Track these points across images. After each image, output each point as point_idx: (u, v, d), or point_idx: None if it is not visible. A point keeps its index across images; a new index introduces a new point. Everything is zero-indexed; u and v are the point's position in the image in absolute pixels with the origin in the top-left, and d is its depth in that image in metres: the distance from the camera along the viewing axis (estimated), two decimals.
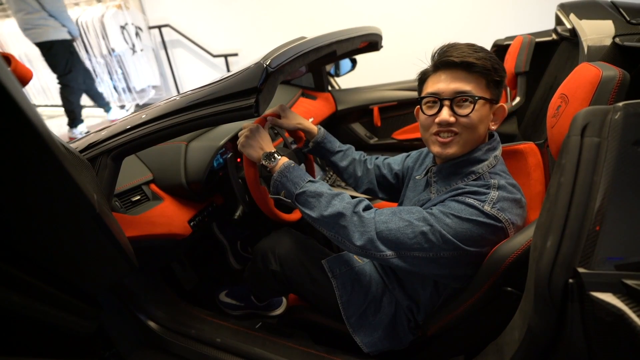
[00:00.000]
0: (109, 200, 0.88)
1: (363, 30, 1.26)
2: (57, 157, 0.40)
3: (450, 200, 0.75)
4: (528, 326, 0.58)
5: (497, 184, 0.75)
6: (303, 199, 0.83)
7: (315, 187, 0.83)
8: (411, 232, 0.73)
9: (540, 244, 0.53)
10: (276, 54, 0.77)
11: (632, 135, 0.47)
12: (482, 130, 0.78)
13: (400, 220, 0.75)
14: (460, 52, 0.75)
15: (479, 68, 0.73)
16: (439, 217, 0.73)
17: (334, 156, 1.14)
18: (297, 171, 0.87)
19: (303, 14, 3.75)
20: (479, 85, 0.75)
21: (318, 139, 1.12)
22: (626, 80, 0.64)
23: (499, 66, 0.76)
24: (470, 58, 0.74)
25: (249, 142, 0.92)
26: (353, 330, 0.92)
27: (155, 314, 1.18)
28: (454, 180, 0.81)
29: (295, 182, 0.85)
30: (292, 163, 0.89)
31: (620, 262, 0.46)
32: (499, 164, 0.81)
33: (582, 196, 0.49)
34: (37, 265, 0.50)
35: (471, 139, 0.79)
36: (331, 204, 0.80)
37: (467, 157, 0.80)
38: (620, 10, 1.18)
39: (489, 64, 0.74)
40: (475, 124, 0.76)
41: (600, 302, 0.45)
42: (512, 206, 0.73)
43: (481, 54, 0.75)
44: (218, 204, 1.33)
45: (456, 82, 0.76)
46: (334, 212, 0.78)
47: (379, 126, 2.12)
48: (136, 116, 0.89)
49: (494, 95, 0.77)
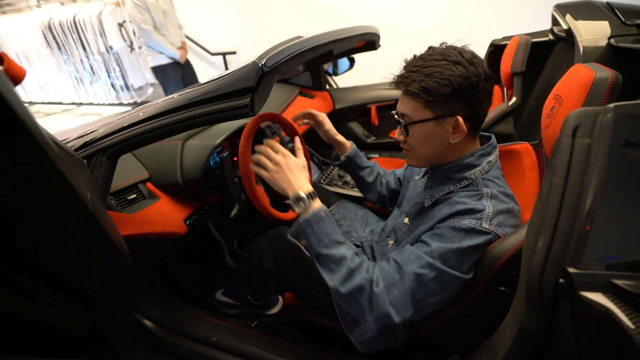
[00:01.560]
0: (105, 199, 0.88)
1: (360, 29, 1.26)
2: (49, 155, 0.40)
3: (447, 229, 0.72)
4: (520, 325, 0.58)
5: (490, 192, 0.74)
6: (324, 260, 0.75)
7: (340, 252, 0.74)
8: (421, 286, 0.71)
9: (532, 244, 0.53)
10: (272, 54, 0.77)
11: (622, 137, 0.47)
12: (433, 146, 0.78)
13: (408, 277, 0.71)
14: (400, 76, 0.76)
15: (408, 93, 0.75)
16: (442, 255, 0.71)
17: (362, 171, 1.16)
18: (327, 225, 0.77)
19: (301, 13, 3.75)
20: (416, 108, 0.75)
21: (350, 154, 1.14)
22: (619, 82, 0.64)
23: (437, 84, 0.71)
24: (400, 85, 0.75)
25: (282, 175, 0.81)
26: (348, 329, 0.92)
27: (151, 312, 1.19)
28: (446, 185, 0.81)
29: (321, 238, 0.75)
30: (324, 211, 0.78)
31: (616, 262, 0.47)
32: (493, 170, 0.80)
33: (572, 197, 0.49)
34: (29, 264, 0.50)
35: (422, 155, 0.81)
36: (355, 272, 0.73)
37: (457, 162, 0.80)
38: (615, 11, 1.19)
39: (417, 88, 0.72)
40: (416, 143, 0.79)
41: (590, 301, 0.46)
42: (507, 218, 0.73)
43: (415, 75, 0.73)
44: (214, 202, 1.34)
45: (401, 105, 0.79)
46: (352, 289, 0.72)
47: (376, 125, 2.12)
48: (133, 114, 0.89)
49: (440, 112, 0.74)
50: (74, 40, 4.72)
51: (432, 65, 0.72)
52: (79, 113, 5.48)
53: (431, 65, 0.72)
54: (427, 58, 0.74)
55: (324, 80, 2.16)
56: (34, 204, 0.45)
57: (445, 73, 0.71)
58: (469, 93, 0.73)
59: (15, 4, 5.08)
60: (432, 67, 0.72)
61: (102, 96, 5.21)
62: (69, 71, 5.18)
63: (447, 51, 0.74)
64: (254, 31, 4.13)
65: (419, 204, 0.87)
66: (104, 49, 4.62)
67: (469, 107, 0.75)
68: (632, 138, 0.46)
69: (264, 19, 4.00)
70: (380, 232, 1.05)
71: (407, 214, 0.93)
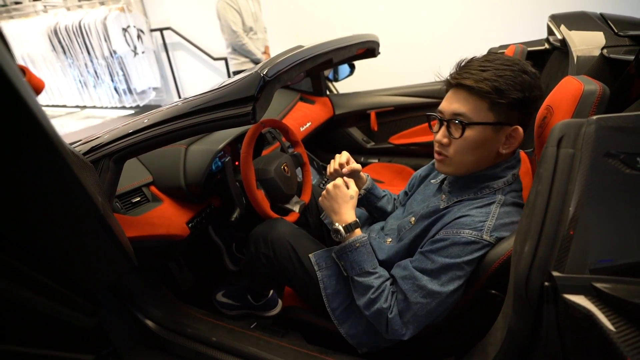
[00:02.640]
0: (111, 202, 0.91)
1: (360, 37, 1.30)
2: (67, 162, 0.43)
3: (449, 245, 0.74)
4: (508, 327, 0.61)
5: (503, 200, 0.76)
6: (355, 284, 0.87)
7: (368, 282, 0.84)
8: (429, 312, 0.76)
9: (519, 248, 0.56)
10: (273, 64, 0.80)
11: (603, 148, 0.50)
12: (481, 154, 0.76)
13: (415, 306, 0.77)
14: (464, 72, 0.73)
15: (476, 91, 0.71)
16: (443, 271, 0.74)
17: (381, 201, 1.16)
18: (360, 255, 0.86)
19: (303, 19, 3.79)
20: (479, 108, 0.72)
21: (368, 186, 1.15)
22: (606, 94, 0.67)
23: (510, 87, 0.69)
24: (467, 80, 0.71)
25: (332, 203, 0.91)
26: (338, 322, 0.94)
27: (153, 313, 1.21)
28: (466, 192, 0.81)
29: (353, 266, 0.87)
30: (359, 242, 0.87)
31: (598, 265, 0.49)
32: (516, 183, 0.80)
33: (557, 203, 0.52)
34: (42, 261, 0.53)
35: (466, 162, 0.78)
36: (376, 301, 0.81)
37: (483, 172, 0.79)
38: (608, 22, 1.22)
39: (489, 86, 0.69)
40: (466, 148, 0.75)
41: (573, 304, 0.48)
42: (510, 229, 0.74)
43: (487, 73, 0.70)
44: (216, 206, 1.36)
45: (455, 103, 0.75)
46: (372, 312, 0.82)
47: (375, 131, 2.15)
48: (138, 121, 0.92)
49: (501, 118, 0.72)
50: (78, 45, 4.78)
51: (504, 68, 0.70)
52: (83, 116, 5.53)
53: (502, 68, 0.70)
54: (494, 61, 0.72)
55: (325, 86, 2.20)
56: (51, 205, 0.48)
57: (517, 79, 0.69)
58: (531, 105, 0.73)
59: (23, 9, 5.16)
60: (504, 70, 0.70)
61: (106, 99, 5.26)
62: (74, 75, 5.24)
63: (514, 59, 0.72)
64: None
65: (432, 207, 0.87)
66: (108, 54, 4.68)
67: (526, 118, 0.74)
68: (612, 149, 0.49)
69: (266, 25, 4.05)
70: (379, 230, 1.06)
71: (414, 214, 0.93)
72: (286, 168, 1.25)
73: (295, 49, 0.95)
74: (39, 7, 5.07)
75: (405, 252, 0.89)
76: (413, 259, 0.82)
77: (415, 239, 0.87)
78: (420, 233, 0.86)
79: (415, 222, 0.90)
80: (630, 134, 0.49)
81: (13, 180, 0.44)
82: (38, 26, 4.91)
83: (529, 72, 0.71)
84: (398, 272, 0.83)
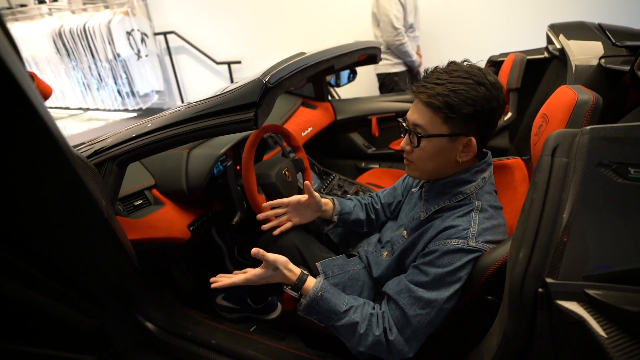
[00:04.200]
0: (113, 204, 0.92)
1: (361, 44, 1.32)
2: (74, 167, 0.44)
3: (439, 255, 0.76)
4: (504, 332, 0.61)
5: (480, 206, 0.78)
6: (337, 330, 0.83)
7: (350, 320, 0.80)
8: (428, 324, 0.76)
9: (514, 255, 0.57)
10: (275, 70, 0.82)
11: (596, 157, 0.51)
12: (440, 162, 0.79)
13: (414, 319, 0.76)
14: (421, 85, 0.75)
15: (430, 105, 0.73)
16: (437, 282, 0.75)
17: (353, 212, 1.10)
18: (329, 302, 0.81)
19: (306, 23, 3.83)
20: (434, 121, 0.74)
21: (337, 208, 1.08)
22: (599, 105, 0.68)
23: (462, 102, 0.71)
24: (422, 95, 0.73)
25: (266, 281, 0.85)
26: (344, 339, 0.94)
27: (153, 315, 1.22)
28: (442, 199, 0.83)
29: (329, 316, 0.81)
30: (320, 290, 0.81)
31: (591, 272, 0.50)
32: (487, 185, 0.82)
33: (551, 211, 0.53)
34: (47, 262, 0.54)
35: (427, 168, 0.81)
36: (367, 334, 0.79)
37: (454, 177, 0.82)
38: (606, 32, 1.23)
39: (440, 102, 0.71)
40: (424, 156, 0.78)
41: (565, 310, 0.49)
42: (493, 233, 0.76)
43: (440, 88, 0.71)
44: (217, 209, 1.37)
45: (415, 114, 0.77)
46: (368, 346, 0.79)
47: (376, 136, 2.17)
48: (142, 125, 0.94)
49: (456, 130, 0.74)
50: (83, 48, 4.82)
51: (458, 82, 0.71)
52: (85, 118, 5.57)
53: (457, 81, 0.71)
54: (452, 73, 0.73)
55: (327, 91, 2.22)
56: (57, 209, 0.50)
57: (470, 93, 0.70)
58: (488, 116, 0.74)
59: (28, 11, 5.21)
60: (458, 84, 0.71)
61: (109, 102, 5.29)
62: (77, 77, 5.27)
63: (472, 70, 0.73)
64: (259, 41, 4.21)
65: (416, 219, 0.88)
66: (112, 57, 4.72)
67: (483, 129, 0.76)
68: (605, 159, 0.50)
69: (269, 30, 4.08)
70: (376, 243, 1.07)
71: (405, 227, 0.94)
72: (287, 173, 1.26)
73: (297, 55, 0.96)
74: (44, 10, 5.12)
75: (395, 266, 0.90)
76: (407, 274, 0.83)
77: (402, 252, 0.88)
78: (408, 246, 0.87)
79: (408, 235, 0.91)
80: (622, 144, 0.51)
81: (21, 184, 0.45)
82: (43, 29, 4.95)
83: (486, 84, 0.72)
84: (392, 288, 0.83)
